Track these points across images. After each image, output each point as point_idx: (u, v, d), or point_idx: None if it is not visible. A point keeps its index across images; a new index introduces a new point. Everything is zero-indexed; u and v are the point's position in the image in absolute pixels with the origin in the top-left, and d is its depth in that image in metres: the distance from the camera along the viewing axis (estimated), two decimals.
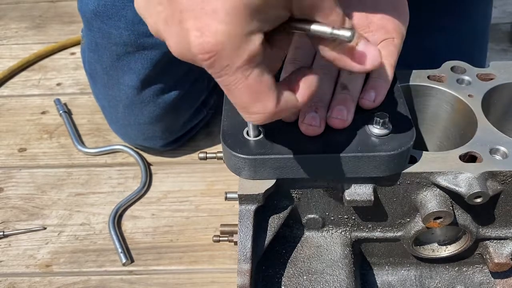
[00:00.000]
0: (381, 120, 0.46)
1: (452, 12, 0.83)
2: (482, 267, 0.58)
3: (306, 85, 0.38)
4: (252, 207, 0.48)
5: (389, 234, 0.54)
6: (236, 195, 0.48)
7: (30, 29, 1.32)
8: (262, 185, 0.47)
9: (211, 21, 0.32)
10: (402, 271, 0.59)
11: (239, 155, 0.46)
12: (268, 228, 0.50)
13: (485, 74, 0.57)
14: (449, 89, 0.56)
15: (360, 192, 0.48)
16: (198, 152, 0.59)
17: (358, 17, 0.54)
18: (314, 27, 0.36)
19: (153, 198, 0.85)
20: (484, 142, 0.50)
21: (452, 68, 0.58)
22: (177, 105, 0.84)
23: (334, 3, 0.36)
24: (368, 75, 0.52)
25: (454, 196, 0.48)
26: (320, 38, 0.37)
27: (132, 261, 0.76)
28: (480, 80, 0.57)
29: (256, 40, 0.34)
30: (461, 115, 0.56)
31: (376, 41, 0.53)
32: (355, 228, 0.54)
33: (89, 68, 0.85)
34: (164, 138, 0.88)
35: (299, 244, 0.54)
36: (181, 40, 0.34)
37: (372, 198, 0.48)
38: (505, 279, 0.58)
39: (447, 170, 0.47)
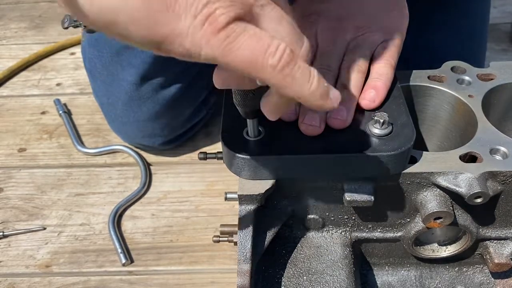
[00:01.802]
0: (381, 120, 0.46)
1: (450, 10, 0.83)
2: (482, 267, 0.58)
3: None
4: (252, 207, 0.48)
5: (389, 235, 0.54)
6: (236, 195, 0.48)
7: (30, 29, 1.32)
8: (262, 185, 0.47)
9: None
10: (402, 272, 0.59)
11: (239, 155, 0.46)
12: (268, 228, 0.50)
13: (485, 74, 0.57)
14: (449, 89, 0.56)
15: (360, 192, 0.48)
16: (198, 152, 0.59)
17: (358, 18, 0.54)
18: None
19: (153, 198, 0.85)
20: (484, 142, 0.49)
21: (452, 68, 0.58)
22: (176, 102, 0.84)
23: None
24: (368, 75, 0.52)
25: (454, 196, 0.48)
26: None
27: (132, 261, 0.76)
28: (480, 80, 0.57)
29: None
30: (461, 115, 0.56)
31: (377, 41, 0.53)
32: (355, 229, 0.54)
33: (89, 65, 0.85)
34: (163, 136, 0.88)
35: (299, 244, 0.54)
36: None
37: (372, 198, 0.48)
38: (505, 280, 0.58)
39: (447, 170, 0.47)
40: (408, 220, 0.53)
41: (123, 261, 0.74)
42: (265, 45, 0.29)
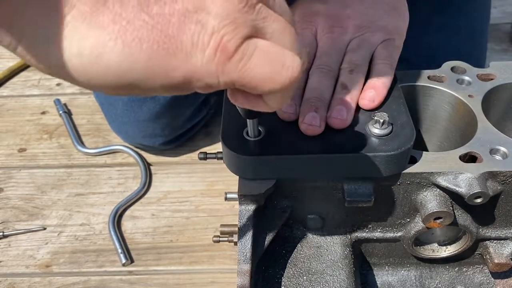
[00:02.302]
0: (381, 120, 0.46)
1: (450, 10, 0.83)
2: (482, 268, 0.58)
3: None
4: (252, 207, 0.48)
5: (389, 235, 0.54)
6: (236, 195, 0.48)
7: None
8: (262, 185, 0.47)
9: None
10: (402, 272, 0.59)
11: (239, 155, 0.46)
12: (268, 228, 0.50)
13: (485, 74, 0.57)
14: (449, 89, 0.56)
15: (360, 192, 0.48)
16: (198, 152, 0.59)
17: (359, 18, 0.54)
18: None
19: (153, 198, 0.85)
20: (484, 142, 0.49)
21: (452, 68, 0.58)
22: (176, 102, 0.84)
23: None
24: (368, 75, 0.52)
25: (454, 196, 0.48)
26: None
27: (132, 261, 0.76)
28: (480, 80, 0.57)
29: None
30: (461, 115, 0.56)
31: (377, 41, 0.53)
32: (355, 228, 0.54)
33: None
34: (163, 136, 0.88)
35: (299, 244, 0.54)
36: None
37: (372, 198, 0.48)
38: (505, 280, 0.58)
39: (447, 170, 0.47)
40: (408, 220, 0.53)
41: (123, 261, 0.74)
42: (281, 58, 0.29)
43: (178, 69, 0.28)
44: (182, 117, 0.88)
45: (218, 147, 0.92)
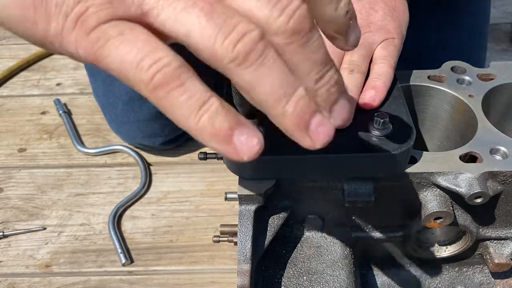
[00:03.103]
0: (381, 120, 0.46)
1: (450, 10, 0.83)
2: (482, 268, 0.58)
3: None
4: (252, 207, 0.48)
5: (389, 235, 0.54)
6: (236, 195, 0.48)
7: None
8: (262, 185, 0.47)
9: None
10: (402, 272, 0.59)
11: None
12: (268, 228, 0.50)
13: (485, 74, 0.57)
14: (449, 89, 0.56)
15: (360, 192, 0.48)
16: (198, 152, 0.59)
17: (358, 17, 0.54)
18: None
19: (153, 198, 0.85)
20: (484, 142, 0.49)
21: (452, 68, 0.58)
22: None
23: None
24: (368, 75, 0.52)
25: (454, 196, 0.48)
26: None
27: (132, 261, 0.76)
28: (480, 80, 0.57)
29: None
30: (461, 115, 0.56)
31: (376, 41, 0.53)
32: (355, 229, 0.54)
33: (89, 65, 0.85)
34: (163, 136, 0.88)
35: (299, 244, 0.54)
36: None
37: (372, 198, 0.48)
38: (505, 280, 0.58)
39: (447, 170, 0.47)
40: (408, 220, 0.53)
41: (123, 261, 0.74)
42: (140, 55, 0.25)
43: (39, 27, 0.27)
44: None
45: None
